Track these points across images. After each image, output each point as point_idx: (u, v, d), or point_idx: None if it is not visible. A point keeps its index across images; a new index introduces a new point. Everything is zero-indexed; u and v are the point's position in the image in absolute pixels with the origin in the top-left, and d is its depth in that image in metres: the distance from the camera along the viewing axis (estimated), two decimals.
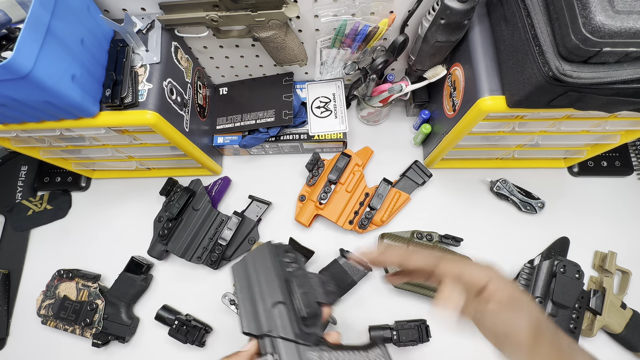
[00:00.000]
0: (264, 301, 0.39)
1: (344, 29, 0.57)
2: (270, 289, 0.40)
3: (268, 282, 0.40)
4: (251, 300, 0.40)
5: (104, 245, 0.75)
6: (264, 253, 0.43)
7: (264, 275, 0.41)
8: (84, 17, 0.49)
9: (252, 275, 0.41)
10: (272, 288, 0.40)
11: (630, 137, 0.59)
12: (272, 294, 0.40)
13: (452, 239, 0.67)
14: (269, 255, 0.43)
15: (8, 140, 0.61)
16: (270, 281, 0.41)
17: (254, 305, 0.39)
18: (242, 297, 0.40)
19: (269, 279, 0.41)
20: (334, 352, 0.38)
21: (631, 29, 0.34)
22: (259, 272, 0.42)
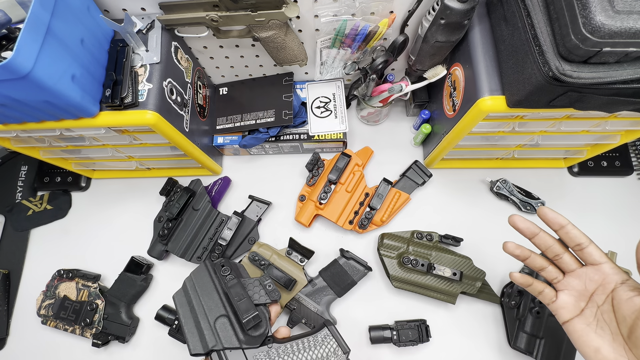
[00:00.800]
0: (205, 319, 0.41)
1: (344, 29, 0.57)
2: (212, 305, 0.42)
3: (209, 300, 0.42)
4: (195, 322, 0.41)
5: (104, 245, 0.75)
6: (202, 272, 0.45)
7: (204, 293, 0.43)
8: (84, 17, 0.49)
9: (194, 298, 0.43)
10: (213, 304, 0.42)
11: (630, 137, 0.59)
12: (213, 309, 0.42)
13: (452, 239, 0.67)
14: (207, 273, 0.45)
15: (8, 140, 0.61)
16: (211, 298, 0.43)
17: (198, 326, 0.41)
18: (185, 321, 0.42)
19: (209, 296, 0.43)
20: (282, 346, 0.40)
21: (631, 29, 0.34)
22: (199, 292, 0.43)
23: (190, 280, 0.45)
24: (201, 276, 0.45)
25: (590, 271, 0.40)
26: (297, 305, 0.65)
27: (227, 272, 0.45)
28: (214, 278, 0.44)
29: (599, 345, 0.37)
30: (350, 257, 0.66)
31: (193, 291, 0.44)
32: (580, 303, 0.40)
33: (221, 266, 0.45)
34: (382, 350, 0.65)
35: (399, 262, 0.65)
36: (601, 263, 0.40)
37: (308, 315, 0.64)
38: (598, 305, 0.39)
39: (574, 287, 0.41)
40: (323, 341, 0.42)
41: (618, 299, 0.38)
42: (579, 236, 0.41)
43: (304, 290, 0.65)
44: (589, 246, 0.40)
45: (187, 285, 0.45)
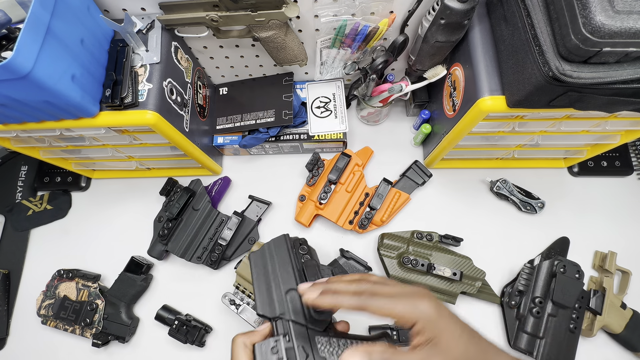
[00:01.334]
0: (278, 288, 0.42)
1: (344, 29, 0.57)
2: (285, 277, 0.43)
3: (284, 270, 0.43)
4: (267, 286, 0.42)
5: (104, 245, 0.75)
6: (281, 243, 0.46)
7: (281, 263, 0.44)
8: (84, 17, 0.49)
9: (269, 264, 0.44)
10: (287, 276, 0.43)
11: (630, 137, 0.59)
12: (286, 281, 0.42)
13: (452, 239, 0.67)
14: (286, 246, 0.46)
15: (8, 140, 0.61)
16: (286, 270, 0.43)
17: (269, 290, 0.42)
18: (257, 283, 0.43)
19: (284, 267, 0.44)
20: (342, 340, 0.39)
21: (631, 29, 0.34)
22: (275, 261, 0.44)
23: (270, 247, 0.46)
24: (280, 247, 0.46)
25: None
26: None
27: (305, 251, 0.47)
28: (291, 253, 0.45)
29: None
30: (350, 257, 0.66)
31: (271, 257, 0.45)
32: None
33: (300, 244, 0.47)
34: None
35: (399, 262, 0.65)
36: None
37: None
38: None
39: None
40: None
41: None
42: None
43: None
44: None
45: (265, 250, 0.46)
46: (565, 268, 0.61)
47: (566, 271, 0.61)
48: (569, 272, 0.61)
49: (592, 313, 0.63)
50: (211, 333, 0.68)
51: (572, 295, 0.60)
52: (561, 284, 0.60)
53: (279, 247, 0.46)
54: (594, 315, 0.62)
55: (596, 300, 0.62)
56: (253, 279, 0.43)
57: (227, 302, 0.64)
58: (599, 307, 0.62)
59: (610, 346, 0.64)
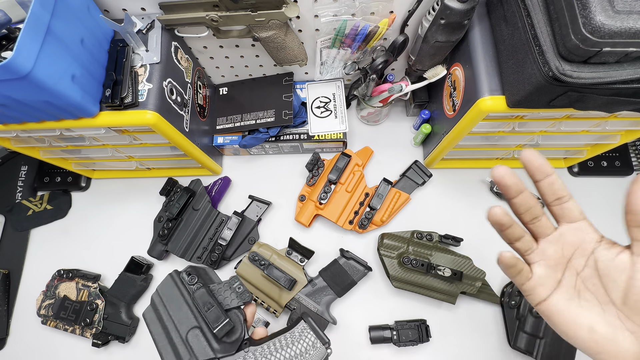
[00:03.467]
0: (177, 334, 0.40)
1: (344, 29, 0.57)
2: (182, 318, 0.40)
3: (178, 312, 0.41)
4: (167, 338, 0.40)
5: (104, 245, 0.75)
6: (169, 285, 0.43)
7: (173, 306, 0.41)
8: (84, 17, 0.49)
9: (163, 314, 0.41)
10: (183, 316, 0.40)
11: (630, 137, 0.59)
12: (184, 322, 0.40)
13: (452, 239, 0.67)
14: (174, 285, 0.43)
15: (8, 140, 0.61)
16: (180, 310, 0.41)
17: (171, 341, 0.39)
18: (158, 339, 0.40)
19: (178, 308, 0.41)
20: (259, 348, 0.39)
21: (631, 29, 0.34)
22: (167, 306, 0.42)
23: (157, 295, 0.43)
24: (168, 289, 0.43)
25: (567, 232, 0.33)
26: (297, 305, 0.65)
27: (194, 280, 0.43)
28: (182, 289, 0.42)
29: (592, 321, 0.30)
30: (350, 257, 0.66)
31: (161, 306, 0.42)
32: (556, 273, 0.33)
33: (187, 275, 0.44)
34: (382, 350, 0.65)
35: (399, 262, 0.65)
36: (580, 220, 0.34)
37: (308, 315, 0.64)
38: (577, 272, 0.32)
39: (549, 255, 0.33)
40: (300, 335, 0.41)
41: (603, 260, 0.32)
42: (563, 188, 0.33)
43: (304, 290, 0.65)
44: (569, 200, 0.33)
45: (154, 300, 0.43)
46: None
47: None
48: None
49: None
50: None
51: None
52: None
53: (167, 289, 0.43)
54: None
55: None
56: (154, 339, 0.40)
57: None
58: None
59: None
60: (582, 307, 0.31)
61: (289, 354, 0.40)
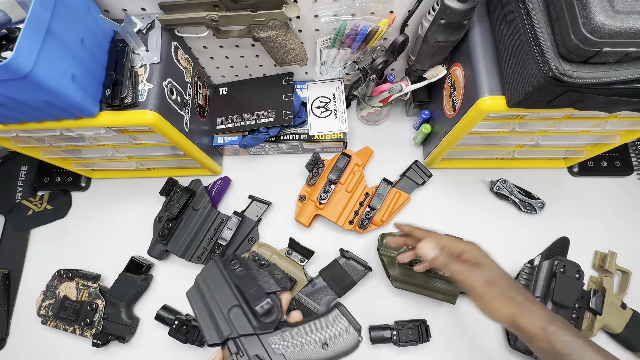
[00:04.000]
0: (219, 311, 0.42)
1: (344, 29, 0.57)
2: (224, 297, 0.43)
3: (220, 292, 0.44)
4: (209, 315, 0.42)
5: (104, 245, 0.75)
6: (212, 268, 0.47)
7: (216, 287, 0.44)
8: (84, 17, 0.49)
9: (206, 293, 0.44)
10: (225, 296, 0.43)
11: (630, 137, 0.59)
12: (225, 301, 0.43)
13: None
14: (217, 268, 0.46)
15: (8, 140, 0.61)
16: (222, 290, 0.44)
17: (212, 318, 0.42)
18: (200, 316, 0.43)
19: (221, 289, 0.44)
20: (295, 329, 0.41)
21: (631, 29, 0.34)
22: (211, 287, 0.45)
23: (202, 277, 0.46)
24: (212, 271, 0.46)
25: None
26: (297, 305, 0.65)
27: (237, 265, 0.46)
28: (224, 272, 0.45)
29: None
30: (350, 257, 0.66)
31: (205, 286, 0.45)
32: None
33: (230, 260, 0.47)
34: (382, 350, 0.65)
35: None
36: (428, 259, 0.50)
37: (308, 315, 0.64)
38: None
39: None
40: (334, 320, 0.43)
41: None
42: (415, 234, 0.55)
43: (304, 290, 0.65)
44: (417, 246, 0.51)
45: (198, 281, 0.46)
46: (565, 268, 0.61)
47: (566, 271, 0.61)
48: (569, 272, 0.61)
49: (592, 313, 0.62)
50: None
51: (572, 295, 0.60)
52: (561, 284, 0.60)
53: (211, 272, 0.46)
54: (594, 315, 0.62)
55: (596, 300, 0.62)
56: (196, 316, 0.43)
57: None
58: (599, 307, 0.62)
59: (610, 346, 0.64)
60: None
61: (323, 335, 0.42)
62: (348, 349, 0.42)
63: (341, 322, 0.43)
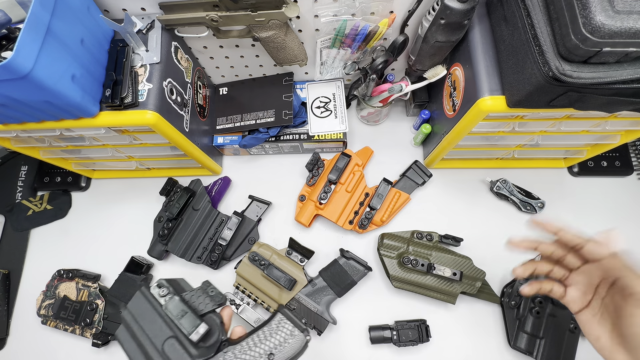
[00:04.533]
0: (153, 347, 0.39)
1: (344, 29, 0.57)
2: (156, 331, 0.40)
3: (151, 325, 0.40)
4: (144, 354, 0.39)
5: (104, 245, 0.75)
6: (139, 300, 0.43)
7: (145, 321, 0.41)
8: (84, 17, 0.49)
9: (136, 330, 0.41)
10: (157, 328, 0.40)
11: (630, 137, 0.59)
12: (159, 334, 0.40)
13: (452, 239, 0.67)
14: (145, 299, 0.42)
15: (8, 140, 0.61)
16: (153, 323, 0.40)
17: (147, 356, 0.39)
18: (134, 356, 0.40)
19: (151, 321, 0.41)
20: (237, 346, 0.39)
21: (631, 29, 0.34)
22: (139, 322, 0.41)
23: (128, 313, 0.42)
24: (139, 304, 0.42)
25: (591, 268, 0.44)
26: (297, 305, 0.65)
27: (165, 292, 0.42)
28: (153, 302, 0.42)
29: (599, 334, 0.42)
30: (350, 257, 0.66)
31: (134, 322, 0.41)
32: (587, 296, 0.44)
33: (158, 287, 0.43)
34: (382, 350, 0.65)
35: (399, 262, 0.65)
36: (601, 259, 0.43)
37: (308, 315, 0.64)
38: (602, 297, 0.43)
39: (579, 281, 0.45)
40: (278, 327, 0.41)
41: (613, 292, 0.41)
42: (574, 239, 0.45)
43: (304, 290, 0.65)
44: (586, 245, 0.43)
45: (126, 319, 0.42)
46: None
47: None
48: None
49: None
50: None
51: None
52: None
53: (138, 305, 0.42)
54: None
55: None
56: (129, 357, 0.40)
57: (227, 302, 0.64)
58: None
59: None
60: (599, 323, 0.42)
61: (267, 346, 0.40)
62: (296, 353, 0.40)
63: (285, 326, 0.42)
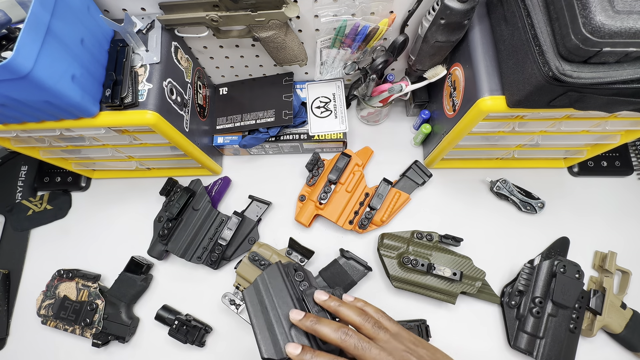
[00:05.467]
0: (280, 324, 0.39)
1: (344, 29, 0.57)
2: (287, 311, 0.40)
3: (283, 303, 0.40)
4: (268, 324, 0.39)
5: (104, 245, 0.75)
6: (275, 274, 0.43)
7: (279, 296, 0.41)
8: (84, 17, 0.49)
9: (266, 299, 0.41)
10: (288, 309, 0.40)
11: (630, 137, 0.59)
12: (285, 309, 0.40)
13: (452, 239, 0.67)
14: (281, 276, 0.43)
15: (8, 140, 0.61)
16: (285, 302, 0.40)
17: (271, 329, 0.39)
18: (257, 322, 0.40)
19: (283, 300, 0.41)
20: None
21: (631, 29, 0.34)
22: (272, 294, 0.41)
23: (264, 279, 0.43)
24: (274, 277, 0.43)
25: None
26: None
27: (301, 277, 0.43)
28: (287, 282, 0.42)
29: None
30: (350, 257, 0.66)
31: (266, 291, 0.41)
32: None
33: (294, 270, 0.44)
34: None
35: (399, 262, 0.65)
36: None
37: None
38: None
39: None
40: None
41: None
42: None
43: None
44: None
45: (259, 283, 0.43)
46: (565, 268, 0.61)
47: (566, 271, 0.61)
48: (569, 272, 0.61)
49: (592, 313, 0.63)
50: (211, 333, 0.68)
51: (572, 295, 0.60)
52: (561, 284, 0.60)
53: (274, 277, 0.42)
54: (594, 315, 0.62)
55: (596, 300, 0.62)
56: (251, 318, 0.40)
57: (227, 302, 0.65)
58: (599, 307, 0.62)
59: (610, 346, 0.64)
60: None
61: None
62: None
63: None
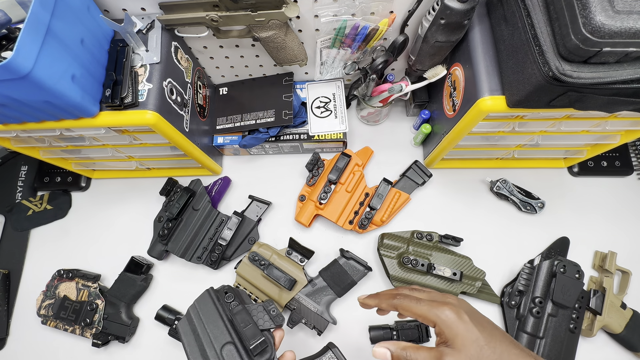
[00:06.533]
0: (211, 347, 0.41)
1: (344, 29, 0.57)
2: (217, 333, 0.42)
3: (214, 327, 0.42)
4: (200, 350, 0.41)
5: (104, 245, 0.75)
6: (205, 300, 0.45)
7: (209, 321, 0.43)
8: (84, 17, 0.49)
9: (198, 326, 0.43)
10: (219, 331, 0.42)
11: (630, 137, 0.59)
12: (218, 337, 0.41)
13: (452, 239, 0.67)
14: (211, 301, 0.45)
15: (8, 140, 0.61)
16: (216, 325, 0.42)
17: (204, 354, 0.41)
18: (190, 351, 0.41)
19: (214, 323, 0.43)
20: None
21: (631, 29, 0.34)
22: (203, 320, 0.43)
23: (194, 309, 0.45)
24: (205, 304, 0.45)
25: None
26: (297, 305, 0.65)
27: (231, 298, 0.45)
28: (218, 305, 0.44)
29: None
30: (350, 257, 0.66)
31: (197, 319, 0.43)
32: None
33: (224, 293, 0.46)
34: None
35: (399, 262, 0.65)
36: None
37: (308, 315, 0.64)
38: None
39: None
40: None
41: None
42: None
43: (304, 290, 0.65)
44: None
45: (191, 313, 0.45)
46: (565, 268, 0.61)
47: (566, 271, 0.61)
48: (569, 272, 0.61)
49: (592, 313, 0.63)
50: None
51: (572, 295, 0.60)
52: (561, 284, 0.60)
53: (204, 304, 0.44)
54: (594, 315, 0.62)
55: (596, 300, 0.62)
56: (185, 348, 0.42)
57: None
58: (599, 307, 0.62)
59: (610, 346, 0.64)
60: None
61: None
62: None
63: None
